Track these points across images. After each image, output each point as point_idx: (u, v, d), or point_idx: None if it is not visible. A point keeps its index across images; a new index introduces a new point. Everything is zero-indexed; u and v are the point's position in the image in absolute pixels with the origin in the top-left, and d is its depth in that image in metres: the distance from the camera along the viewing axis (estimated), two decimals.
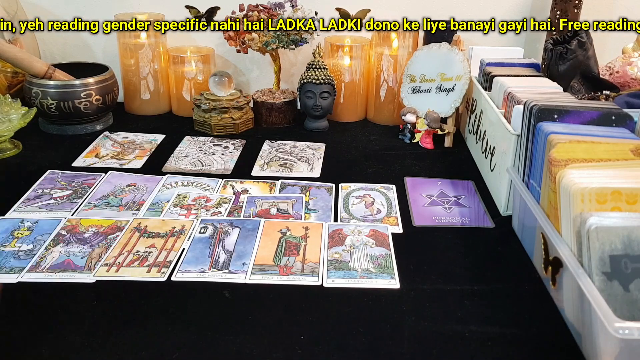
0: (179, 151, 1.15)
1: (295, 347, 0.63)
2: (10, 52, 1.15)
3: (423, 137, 1.20)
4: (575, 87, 1.18)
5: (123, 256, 0.78)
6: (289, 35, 1.23)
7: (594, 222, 0.59)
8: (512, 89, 0.98)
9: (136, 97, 1.35)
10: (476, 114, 1.13)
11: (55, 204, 0.91)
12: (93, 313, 0.67)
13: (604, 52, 1.35)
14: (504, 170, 0.91)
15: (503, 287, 0.75)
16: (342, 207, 0.94)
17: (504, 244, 0.85)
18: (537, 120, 0.78)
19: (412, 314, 0.69)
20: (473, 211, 0.94)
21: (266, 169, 1.08)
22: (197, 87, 1.33)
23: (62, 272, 0.74)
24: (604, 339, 0.56)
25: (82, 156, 1.10)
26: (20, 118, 1.06)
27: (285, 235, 0.84)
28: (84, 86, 1.18)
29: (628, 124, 0.77)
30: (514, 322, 0.68)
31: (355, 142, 1.23)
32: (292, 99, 1.31)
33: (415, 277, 0.76)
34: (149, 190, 0.97)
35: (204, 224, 0.87)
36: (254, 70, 1.47)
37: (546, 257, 0.72)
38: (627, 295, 0.57)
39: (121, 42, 1.32)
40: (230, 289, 0.73)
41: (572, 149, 0.69)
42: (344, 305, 0.70)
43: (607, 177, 0.64)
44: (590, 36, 1.16)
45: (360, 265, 0.78)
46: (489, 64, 1.17)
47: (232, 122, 1.24)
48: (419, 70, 1.23)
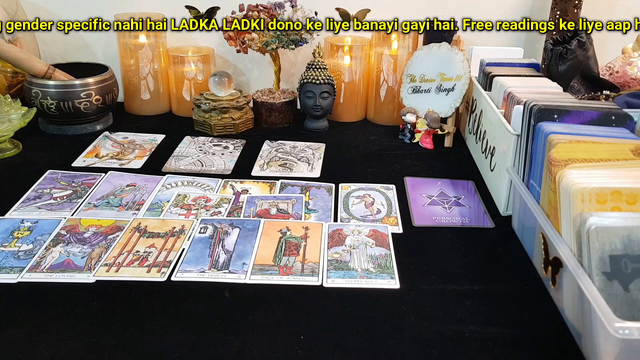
0: (179, 151, 1.15)
1: (295, 347, 0.63)
2: (10, 52, 1.15)
3: (423, 137, 1.20)
4: (575, 87, 1.18)
5: (123, 256, 0.78)
6: (289, 35, 1.23)
7: (594, 222, 0.59)
8: (512, 89, 0.98)
9: (136, 97, 1.35)
10: (476, 114, 1.13)
11: (55, 204, 0.91)
12: (93, 313, 0.67)
13: (604, 52, 1.35)
14: (504, 170, 0.91)
15: (503, 287, 0.75)
16: (342, 207, 0.94)
17: (504, 244, 0.85)
18: (537, 120, 0.78)
19: (412, 314, 0.69)
20: (473, 211, 0.94)
21: (266, 169, 1.08)
22: (197, 87, 1.33)
23: (62, 272, 0.74)
24: (604, 339, 0.56)
25: (82, 156, 1.10)
26: (20, 118, 1.06)
27: (285, 235, 0.84)
28: (84, 86, 1.18)
29: (628, 124, 0.77)
30: (514, 322, 0.68)
31: (355, 142, 1.23)
32: (292, 99, 1.31)
33: (415, 277, 0.76)
34: (149, 190, 0.97)
35: (204, 224, 0.87)
36: (254, 70, 1.47)
37: (546, 257, 0.72)
38: (627, 295, 0.57)
39: (121, 42, 1.32)
40: (230, 289, 0.73)
41: (572, 149, 0.69)
42: (344, 305, 0.70)
43: (607, 177, 0.64)
44: (590, 36, 1.16)
45: (360, 265, 0.78)
46: (489, 64, 1.17)
47: (232, 122, 1.24)
48: (419, 70, 1.23)
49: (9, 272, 0.74)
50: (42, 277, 0.73)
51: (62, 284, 0.72)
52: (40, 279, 0.73)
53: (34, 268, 0.75)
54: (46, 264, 0.76)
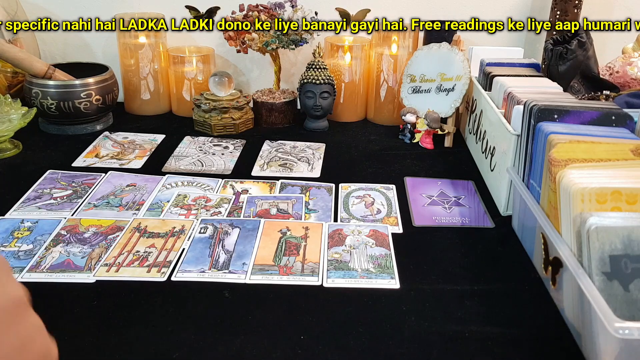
0: (179, 151, 1.15)
1: (295, 347, 0.63)
2: (10, 52, 1.15)
3: (423, 137, 1.20)
4: (575, 87, 1.18)
5: (123, 256, 0.78)
6: (289, 35, 1.23)
7: (594, 222, 0.59)
8: (512, 89, 0.98)
9: (136, 97, 1.35)
10: (476, 114, 1.13)
11: (55, 204, 0.91)
12: (93, 313, 0.67)
13: (604, 52, 1.35)
14: (504, 170, 0.91)
15: (503, 287, 0.75)
16: (342, 207, 0.94)
17: (504, 244, 0.85)
18: (537, 120, 0.78)
19: (412, 314, 0.69)
20: (473, 211, 0.94)
21: (266, 169, 1.08)
22: (197, 87, 1.33)
23: (62, 272, 0.74)
24: (604, 339, 0.56)
25: (82, 156, 1.10)
26: (20, 118, 1.06)
27: (285, 235, 0.84)
28: (84, 86, 1.18)
29: (628, 124, 0.77)
30: (514, 322, 0.68)
31: (355, 142, 1.23)
32: (292, 99, 1.31)
33: (415, 277, 0.76)
34: (149, 190, 0.97)
35: (204, 224, 0.87)
36: (254, 70, 1.47)
37: (546, 257, 0.72)
38: (627, 295, 0.57)
39: (121, 42, 1.32)
40: (230, 289, 0.73)
41: (572, 149, 0.69)
42: (344, 305, 0.70)
43: (607, 177, 0.64)
44: (590, 36, 1.16)
45: (360, 265, 0.78)
46: (489, 64, 1.17)
47: (232, 122, 1.24)
48: (419, 70, 1.23)
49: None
50: (42, 277, 0.73)
51: (62, 284, 0.72)
52: (40, 279, 0.73)
53: (34, 268, 0.75)
54: (46, 264, 0.76)
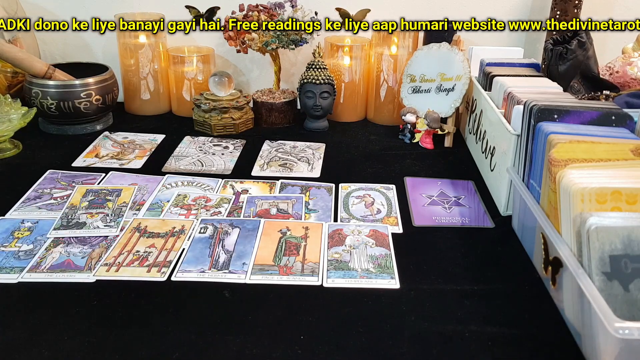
0: (179, 151, 1.15)
1: (295, 347, 0.63)
2: (10, 52, 1.15)
3: (423, 137, 1.20)
4: (575, 87, 1.18)
5: (123, 256, 0.78)
6: (289, 35, 1.23)
7: (594, 222, 0.59)
8: (512, 89, 0.98)
9: (136, 97, 1.35)
10: (476, 114, 1.13)
11: (55, 204, 0.91)
12: (93, 313, 0.67)
13: (604, 52, 1.35)
14: (504, 170, 0.91)
15: (503, 287, 0.75)
16: (342, 207, 0.94)
17: (504, 244, 0.85)
18: (537, 120, 0.78)
19: (412, 314, 0.69)
20: (473, 211, 0.94)
21: (266, 169, 1.08)
22: (197, 87, 1.33)
23: (62, 272, 0.74)
24: (604, 339, 0.56)
25: (82, 156, 1.10)
26: (20, 118, 1.06)
27: (285, 235, 0.84)
28: (84, 86, 1.18)
29: (628, 124, 0.77)
30: (514, 322, 0.68)
31: (355, 142, 1.23)
32: (292, 99, 1.31)
33: (415, 277, 0.76)
34: (149, 190, 0.97)
35: (204, 224, 0.87)
36: (254, 70, 1.47)
37: (546, 257, 0.72)
38: (627, 295, 0.57)
39: (121, 42, 1.32)
40: (230, 289, 0.73)
41: (572, 149, 0.69)
42: (344, 305, 0.70)
43: (607, 177, 0.64)
44: (590, 36, 1.16)
45: (360, 265, 0.78)
46: (489, 64, 1.17)
47: (232, 122, 1.24)
48: (419, 70, 1.23)
49: (9, 272, 0.74)
50: (42, 277, 0.73)
51: (62, 284, 0.72)
52: (41, 279, 0.73)
53: (34, 268, 0.75)
54: (46, 264, 0.76)
